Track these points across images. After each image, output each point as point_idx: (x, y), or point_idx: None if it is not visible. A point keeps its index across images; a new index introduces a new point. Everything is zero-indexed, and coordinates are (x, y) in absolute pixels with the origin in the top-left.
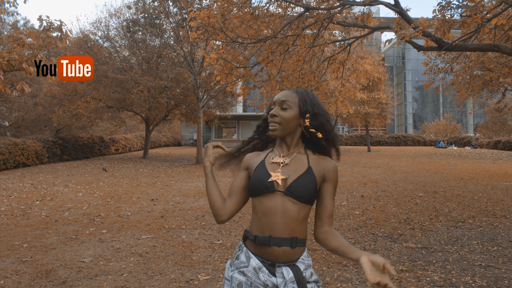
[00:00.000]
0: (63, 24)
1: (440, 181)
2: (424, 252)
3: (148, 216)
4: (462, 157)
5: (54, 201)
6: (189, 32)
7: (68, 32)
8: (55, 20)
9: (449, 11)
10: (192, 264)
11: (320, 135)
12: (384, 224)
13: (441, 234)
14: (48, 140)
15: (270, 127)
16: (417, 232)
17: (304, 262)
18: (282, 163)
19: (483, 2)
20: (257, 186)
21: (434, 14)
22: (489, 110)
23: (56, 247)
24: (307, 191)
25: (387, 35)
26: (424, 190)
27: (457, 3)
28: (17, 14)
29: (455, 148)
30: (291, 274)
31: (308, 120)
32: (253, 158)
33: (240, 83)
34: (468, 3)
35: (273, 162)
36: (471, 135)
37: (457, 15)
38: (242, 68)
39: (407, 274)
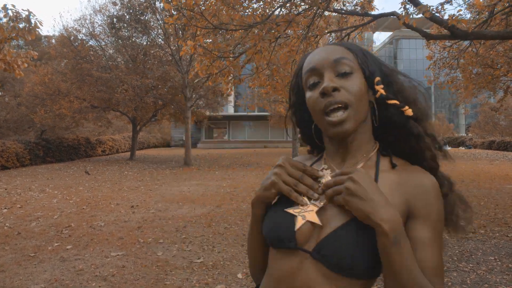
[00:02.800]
0: (31, 14)
1: None
2: None
3: (123, 227)
4: (457, 158)
5: (24, 208)
6: (165, 18)
7: (38, 23)
8: (23, 10)
9: None
10: None
11: (410, 112)
12: None
13: (452, 248)
14: (30, 142)
15: (330, 117)
16: None
17: None
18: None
19: None
20: (269, 235)
21: None
22: (482, 110)
23: (7, 269)
24: (359, 255)
25: (381, 35)
26: None
27: None
28: None
29: (449, 148)
30: None
31: (382, 86)
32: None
33: (230, 78)
34: None
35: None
36: (464, 135)
37: None
38: (225, 59)
39: None
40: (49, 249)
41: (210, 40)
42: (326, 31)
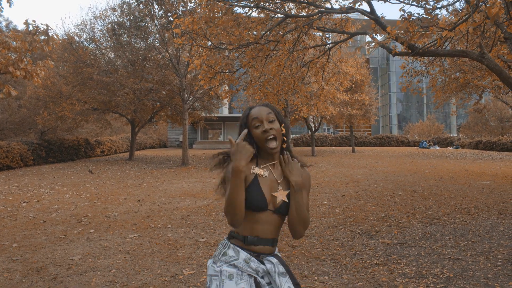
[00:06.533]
0: (49, 28)
1: (420, 181)
2: (398, 247)
3: (134, 216)
4: (443, 157)
5: (41, 202)
6: (174, 38)
7: (55, 36)
8: (41, 24)
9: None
10: (177, 260)
11: (284, 145)
12: (362, 221)
13: (416, 231)
14: (33, 143)
15: (269, 144)
16: (393, 229)
17: (279, 254)
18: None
19: (438, 16)
20: (255, 205)
21: (399, 25)
22: (471, 111)
23: (46, 246)
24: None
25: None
26: (403, 189)
27: (417, 15)
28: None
29: (438, 148)
30: (276, 260)
31: (284, 129)
32: (247, 169)
33: (225, 86)
34: (425, 17)
35: (265, 177)
36: (454, 135)
37: (418, 27)
38: (225, 73)
39: (381, 267)
40: (75, 232)
41: (212, 45)
42: (310, 46)
